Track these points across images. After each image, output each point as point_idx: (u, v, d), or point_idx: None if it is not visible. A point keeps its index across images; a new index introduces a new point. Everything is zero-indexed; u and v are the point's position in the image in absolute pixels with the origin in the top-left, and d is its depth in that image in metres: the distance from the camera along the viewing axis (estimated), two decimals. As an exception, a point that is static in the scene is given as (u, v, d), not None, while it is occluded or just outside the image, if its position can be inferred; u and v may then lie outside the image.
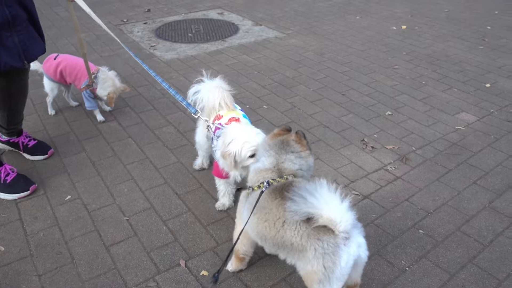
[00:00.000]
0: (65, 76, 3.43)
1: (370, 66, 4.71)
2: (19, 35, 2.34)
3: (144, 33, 5.63)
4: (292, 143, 1.89)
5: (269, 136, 1.98)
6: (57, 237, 2.43)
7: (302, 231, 1.60)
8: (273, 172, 1.84)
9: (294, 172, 1.85)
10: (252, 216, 1.79)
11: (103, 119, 3.57)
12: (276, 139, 1.91)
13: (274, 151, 1.87)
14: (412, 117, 3.68)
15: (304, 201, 1.53)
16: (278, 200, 1.69)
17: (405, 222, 2.54)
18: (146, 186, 2.84)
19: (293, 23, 6.12)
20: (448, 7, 7.02)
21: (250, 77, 4.39)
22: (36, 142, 3.06)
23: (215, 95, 2.48)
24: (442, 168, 3.02)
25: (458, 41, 5.47)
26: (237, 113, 2.54)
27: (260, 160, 1.90)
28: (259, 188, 1.81)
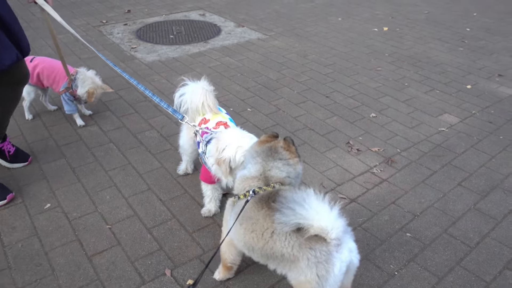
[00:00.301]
0: (42, 79, 3.32)
1: (354, 68, 4.72)
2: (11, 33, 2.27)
3: (124, 35, 5.53)
4: (281, 150, 1.83)
5: (256, 142, 1.93)
6: (36, 247, 2.34)
7: (293, 242, 1.56)
8: (260, 180, 1.79)
9: (281, 180, 1.80)
10: (239, 226, 1.74)
11: (83, 123, 3.47)
12: (264, 146, 1.86)
13: (261, 158, 1.82)
14: (396, 119, 3.69)
15: (293, 212, 1.49)
16: (265, 210, 1.65)
17: (392, 226, 2.53)
18: (129, 192, 2.76)
19: (276, 25, 6.10)
20: (428, 9, 7.10)
21: (233, 79, 4.35)
22: (15, 149, 2.95)
23: (197, 96, 2.43)
24: (427, 170, 3.03)
25: (438, 43, 5.54)
26: (224, 116, 2.50)
27: (247, 167, 1.85)
28: (245, 197, 1.76)
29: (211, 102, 2.48)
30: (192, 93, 2.45)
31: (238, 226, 1.75)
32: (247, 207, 1.72)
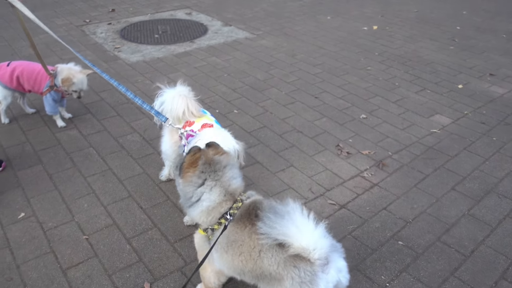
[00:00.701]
0: (23, 82, 3.17)
1: (343, 67, 4.62)
2: None
3: (108, 34, 5.37)
4: (217, 158, 1.66)
5: (186, 168, 1.66)
6: (8, 260, 2.20)
7: (279, 258, 1.45)
8: (227, 200, 1.63)
9: (241, 188, 1.69)
10: (225, 254, 1.60)
11: (64, 124, 3.33)
12: (199, 166, 1.64)
13: (211, 179, 1.63)
14: (387, 120, 3.60)
15: (274, 225, 1.38)
16: (249, 228, 1.53)
17: (383, 233, 2.43)
18: (108, 200, 2.63)
19: (264, 24, 5.98)
20: (417, 7, 7.03)
21: (219, 80, 4.22)
22: None
23: (178, 104, 2.30)
24: (419, 174, 2.93)
25: (428, 42, 5.46)
26: (209, 118, 2.38)
27: (204, 199, 1.64)
28: (221, 225, 1.62)
29: (194, 109, 2.35)
30: (172, 100, 2.32)
31: (224, 255, 1.61)
32: (228, 232, 1.59)
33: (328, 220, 2.50)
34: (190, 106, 2.31)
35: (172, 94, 2.37)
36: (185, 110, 2.32)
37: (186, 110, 2.32)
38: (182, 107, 2.31)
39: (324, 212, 2.57)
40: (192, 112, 2.33)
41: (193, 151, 1.68)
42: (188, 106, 2.31)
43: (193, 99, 2.37)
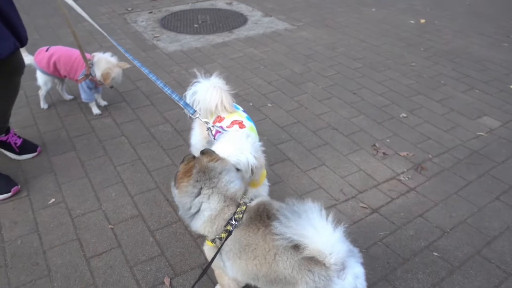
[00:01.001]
0: (59, 68, 3.22)
1: (385, 62, 4.41)
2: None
3: (148, 23, 5.40)
4: (212, 165, 1.58)
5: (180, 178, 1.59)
6: (35, 245, 2.23)
7: (294, 261, 1.37)
8: (229, 205, 1.55)
9: (241, 191, 1.61)
10: (238, 261, 1.53)
11: (99, 112, 3.38)
12: (194, 175, 1.56)
13: (207, 187, 1.55)
14: (429, 120, 3.39)
15: (290, 225, 1.30)
16: (262, 230, 1.45)
17: (417, 242, 2.28)
18: (136, 190, 2.62)
19: (305, 15, 5.82)
20: (469, 0, 6.63)
21: (255, 72, 4.13)
22: (22, 140, 2.85)
23: (212, 96, 2.23)
24: (461, 180, 2.74)
25: (480, 37, 5.13)
26: (240, 115, 2.28)
27: (204, 208, 1.56)
28: (227, 232, 1.54)
29: (227, 103, 2.26)
30: (205, 92, 2.25)
31: (237, 261, 1.54)
32: (240, 237, 1.51)
33: (358, 224, 2.39)
34: (224, 100, 2.24)
35: (207, 85, 2.30)
36: (218, 104, 2.25)
37: (219, 103, 2.24)
38: (216, 100, 2.24)
39: (355, 216, 2.45)
40: (225, 106, 2.25)
41: (186, 160, 1.62)
42: (222, 100, 2.24)
43: (227, 93, 2.29)
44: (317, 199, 2.54)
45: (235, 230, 1.51)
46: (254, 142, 1.93)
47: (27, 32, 2.45)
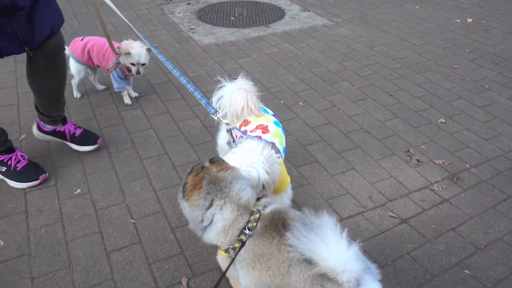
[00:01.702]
0: (92, 57, 3.26)
1: (426, 63, 4.21)
2: (19, 22, 2.18)
3: (185, 14, 5.39)
4: (222, 175, 1.52)
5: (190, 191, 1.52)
6: (58, 235, 2.26)
7: (307, 275, 1.30)
8: (242, 214, 1.49)
9: (254, 197, 1.54)
10: (252, 271, 1.47)
11: (130, 102, 3.41)
12: (204, 187, 1.50)
13: (219, 198, 1.50)
14: (469, 127, 3.20)
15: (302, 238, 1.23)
16: (277, 240, 1.39)
17: (448, 258, 2.15)
18: (160, 185, 2.61)
19: (344, 10, 5.65)
20: (523, -1, 6.25)
21: (289, 68, 4.04)
22: (82, 130, 2.86)
23: (237, 99, 2.16)
24: (500, 193, 2.57)
25: (532, 40, 4.82)
26: (267, 119, 2.20)
27: (216, 220, 1.51)
28: (240, 242, 1.48)
29: (253, 105, 2.19)
30: (230, 95, 2.19)
31: (251, 271, 1.48)
32: (254, 246, 1.46)
33: (385, 235, 2.28)
34: (250, 103, 2.17)
35: (232, 88, 2.23)
36: (244, 106, 2.18)
37: (246, 106, 2.17)
38: (242, 102, 2.16)
39: (382, 225, 2.34)
40: (251, 109, 2.18)
41: (195, 171, 1.55)
42: (248, 102, 2.17)
43: (254, 95, 2.22)
44: (344, 205, 2.45)
45: (249, 239, 1.45)
46: (270, 155, 1.85)
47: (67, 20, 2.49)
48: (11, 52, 2.23)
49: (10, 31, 2.17)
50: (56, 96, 2.66)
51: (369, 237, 2.26)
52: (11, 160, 2.58)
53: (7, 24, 2.14)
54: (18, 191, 2.54)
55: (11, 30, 2.17)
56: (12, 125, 3.09)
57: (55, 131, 2.79)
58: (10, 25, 2.16)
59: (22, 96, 3.46)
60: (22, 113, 3.25)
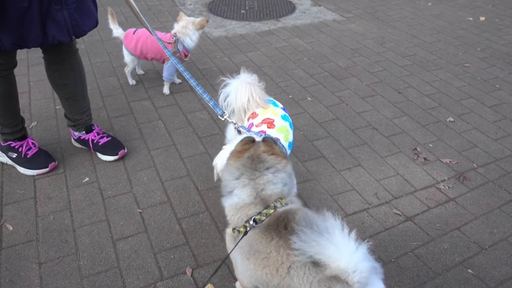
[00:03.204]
0: (146, 52, 3.30)
1: (436, 61, 4.18)
2: (69, 9, 2.18)
3: (196, 6, 5.39)
4: (265, 157, 1.51)
5: (233, 156, 1.56)
6: (66, 222, 2.30)
7: (312, 278, 1.30)
8: (256, 204, 1.49)
9: (280, 194, 1.51)
10: (246, 261, 1.48)
11: (168, 92, 3.46)
12: (244, 158, 1.52)
13: (247, 177, 1.50)
14: (478, 127, 3.19)
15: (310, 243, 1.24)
16: (276, 241, 1.38)
17: (452, 257, 2.15)
18: (167, 176, 2.63)
19: (356, 6, 5.62)
20: (538, -1, 6.17)
21: (298, 63, 4.04)
22: (108, 139, 2.75)
23: (242, 92, 2.18)
24: (507, 194, 2.56)
25: (545, 40, 4.76)
26: (275, 112, 2.20)
27: (235, 194, 1.52)
28: (245, 229, 1.49)
29: (258, 97, 2.20)
30: (236, 90, 2.21)
31: (245, 261, 1.50)
32: (252, 240, 1.46)
33: (389, 232, 2.28)
34: (254, 94, 2.18)
35: (236, 83, 2.26)
36: (250, 98, 2.19)
37: (251, 98, 2.19)
38: (247, 94, 2.19)
39: (387, 222, 2.35)
40: (256, 100, 2.20)
41: (244, 141, 1.56)
42: (253, 94, 2.19)
43: (257, 87, 2.23)
44: (349, 202, 2.46)
45: (251, 231, 1.46)
46: None
47: None
48: (58, 40, 2.20)
49: (60, 19, 2.15)
50: (74, 95, 2.65)
51: (373, 233, 2.27)
52: (22, 147, 2.61)
53: (57, 11, 2.13)
54: (28, 177, 2.58)
55: (61, 17, 2.16)
56: (23, 113, 3.10)
57: (80, 138, 2.78)
58: (61, 12, 2.14)
59: (33, 84, 3.49)
60: (33, 101, 3.28)
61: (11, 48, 2.14)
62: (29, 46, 2.17)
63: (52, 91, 3.39)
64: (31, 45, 2.17)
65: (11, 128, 2.56)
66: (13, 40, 2.10)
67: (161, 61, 3.35)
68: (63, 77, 2.57)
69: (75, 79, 2.62)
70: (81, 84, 2.67)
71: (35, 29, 2.11)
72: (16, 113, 2.56)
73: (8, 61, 2.32)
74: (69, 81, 2.59)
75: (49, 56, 2.50)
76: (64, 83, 2.59)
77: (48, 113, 3.16)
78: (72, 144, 2.86)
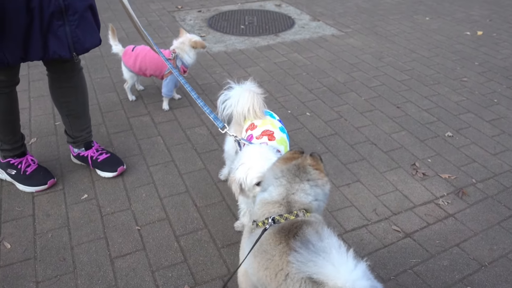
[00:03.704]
0: (145, 69, 3.34)
1: (434, 76, 4.21)
2: (71, 25, 2.21)
3: (196, 22, 5.44)
4: (310, 169, 1.59)
5: (280, 160, 1.67)
6: (64, 240, 2.29)
7: None
8: (281, 205, 1.54)
9: (307, 206, 1.54)
10: (253, 258, 1.50)
11: (168, 108, 3.49)
12: (290, 164, 1.61)
13: (286, 180, 1.58)
14: (477, 141, 3.19)
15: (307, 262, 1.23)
16: (283, 246, 1.40)
17: (451, 274, 2.14)
18: (165, 193, 2.63)
19: (354, 21, 5.67)
20: (535, 13, 6.22)
21: (297, 78, 4.06)
22: (107, 156, 2.75)
23: (244, 100, 2.20)
24: (506, 210, 2.56)
25: (542, 54, 4.79)
26: (273, 124, 2.23)
27: (268, 190, 1.60)
28: (264, 225, 1.52)
29: (258, 108, 2.23)
30: (239, 96, 2.23)
31: (252, 258, 1.52)
32: (263, 239, 1.48)
33: (388, 248, 2.27)
34: (255, 105, 2.20)
35: (241, 89, 2.28)
36: (250, 108, 2.21)
37: (251, 107, 2.21)
38: (248, 103, 2.21)
39: (386, 239, 2.34)
40: (255, 111, 2.21)
41: (294, 151, 1.68)
42: (254, 104, 2.20)
43: (260, 97, 2.25)
44: (348, 218, 2.46)
45: (267, 230, 1.48)
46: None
47: None
48: (58, 55, 2.22)
49: (61, 34, 2.18)
50: (75, 113, 2.67)
51: (373, 250, 2.26)
52: (21, 164, 2.62)
53: (59, 26, 2.15)
54: (26, 194, 2.58)
55: (63, 32, 2.18)
56: (23, 129, 3.12)
57: (79, 155, 2.79)
58: (62, 27, 2.17)
59: (34, 100, 3.51)
60: (33, 117, 3.30)
61: (14, 62, 2.16)
62: (31, 59, 2.20)
63: (53, 107, 3.41)
64: (33, 58, 2.20)
65: (11, 144, 2.57)
66: (16, 53, 2.13)
67: (160, 77, 3.37)
68: (66, 95, 2.59)
69: (77, 98, 2.64)
70: (83, 102, 2.69)
71: (36, 43, 2.14)
72: (17, 129, 2.57)
73: (11, 78, 2.34)
74: (71, 99, 2.61)
75: (53, 73, 2.53)
76: (66, 100, 2.61)
77: (48, 129, 3.18)
78: (71, 160, 2.86)
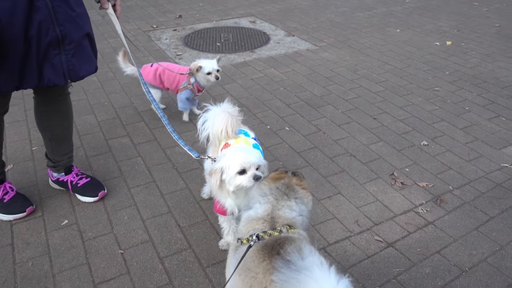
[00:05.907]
0: (163, 80, 3.46)
1: (408, 86, 4.32)
2: (67, 55, 2.22)
3: (172, 41, 5.47)
4: (297, 188, 1.69)
5: (268, 179, 1.73)
6: (45, 268, 2.25)
7: None
8: (265, 221, 1.58)
9: (290, 221, 1.59)
10: (237, 277, 1.51)
11: (187, 119, 3.63)
12: (279, 183, 1.69)
13: (274, 197, 1.64)
14: (451, 149, 3.29)
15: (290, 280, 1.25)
16: (266, 263, 1.41)
17: (434, 281, 2.18)
18: (148, 214, 2.62)
19: (328, 35, 5.79)
20: (499, 22, 6.47)
21: (275, 93, 4.11)
22: (87, 180, 2.73)
23: (219, 121, 2.23)
24: (483, 215, 2.63)
25: (509, 61, 4.97)
26: (247, 142, 2.26)
27: (254, 207, 1.65)
28: (248, 242, 1.54)
29: (230, 129, 2.25)
30: (214, 118, 2.25)
31: (237, 276, 1.52)
32: (247, 256, 1.49)
33: (371, 259, 2.30)
34: (229, 126, 2.22)
35: (216, 110, 2.30)
36: (223, 129, 2.24)
37: (224, 129, 2.24)
38: (222, 125, 2.23)
39: (369, 250, 2.37)
40: (227, 131, 2.24)
41: (280, 171, 1.75)
42: (227, 125, 2.23)
43: (235, 117, 2.28)
44: (330, 231, 2.49)
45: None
46: None
47: None
48: (53, 82, 2.22)
49: (56, 63, 2.19)
50: (59, 138, 2.65)
51: (356, 262, 2.29)
52: (-1, 192, 2.57)
53: (55, 55, 2.17)
54: (4, 223, 2.53)
55: (58, 61, 2.19)
56: (-2, 156, 3.08)
57: (59, 180, 2.75)
58: (58, 56, 2.18)
59: (9, 126, 3.45)
60: (9, 143, 3.24)
61: (9, 90, 2.16)
62: (25, 87, 2.20)
63: (29, 132, 3.36)
64: (27, 86, 2.20)
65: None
66: (11, 81, 2.12)
67: (175, 91, 3.50)
68: (50, 118, 2.57)
69: (61, 122, 2.62)
70: (68, 127, 2.68)
71: (32, 71, 2.15)
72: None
73: (1, 106, 2.35)
74: (55, 123, 2.59)
75: (39, 96, 2.50)
76: (50, 124, 2.59)
77: (25, 155, 3.12)
78: (50, 185, 2.82)
